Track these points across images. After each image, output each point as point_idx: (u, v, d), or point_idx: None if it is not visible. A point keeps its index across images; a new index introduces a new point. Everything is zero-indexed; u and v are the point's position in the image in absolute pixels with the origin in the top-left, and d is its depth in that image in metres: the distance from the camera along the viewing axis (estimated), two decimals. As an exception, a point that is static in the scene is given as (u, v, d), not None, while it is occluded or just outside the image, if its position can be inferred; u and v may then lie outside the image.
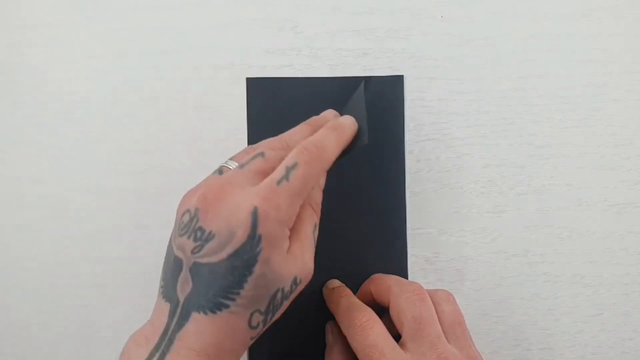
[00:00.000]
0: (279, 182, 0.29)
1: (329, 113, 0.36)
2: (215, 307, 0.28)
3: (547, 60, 0.40)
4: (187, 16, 0.40)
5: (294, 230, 0.30)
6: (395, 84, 0.39)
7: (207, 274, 0.28)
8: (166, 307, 0.29)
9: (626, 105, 0.40)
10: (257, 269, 0.28)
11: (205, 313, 0.28)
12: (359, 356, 0.33)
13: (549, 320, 0.40)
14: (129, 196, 0.40)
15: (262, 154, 0.31)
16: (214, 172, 0.32)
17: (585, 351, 0.40)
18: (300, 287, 0.30)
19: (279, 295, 0.29)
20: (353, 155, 0.38)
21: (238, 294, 0.28)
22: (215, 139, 0.40)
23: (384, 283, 0.35)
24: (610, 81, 0.40)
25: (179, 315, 0.28)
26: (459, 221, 0.40)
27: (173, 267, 0.29)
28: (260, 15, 0.40)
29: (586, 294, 0.40)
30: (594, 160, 0.40)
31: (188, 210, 0.30)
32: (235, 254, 0.28)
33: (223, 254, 0.28)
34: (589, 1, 0.40)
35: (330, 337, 0.36)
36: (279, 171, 0.29)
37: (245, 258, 0.28)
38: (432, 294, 0.35)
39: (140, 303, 0.40)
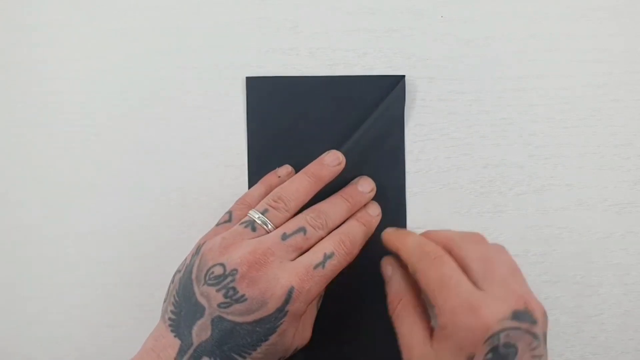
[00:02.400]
0: (315, 267, 0.32)
1: (332, 159, 0.37)
2: (227, 359, 0.31)
3: (547, 60, 0.40)
4: (187, 16, 0.40)
5: None
6: (395, 84, 0.39)
7: (227, 329, 0.31)
8: (176, 342, 0.31)
9: (626, 105, 0.40)
10: (273, 338, 0.31)
11: None
12: (430, 287, 0.31)
13: (549, 320, 0.40)
14: (129, 196, 0.40)
15: (304, 231, 0.33)
16: (246, 225, 0.34)
17: (585, 351, 0.40)
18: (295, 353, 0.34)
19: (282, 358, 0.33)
20: (353, 156, 0.38)
21: (249, 354, 0.31)
22: (215, 138, 0.40)
23: (442, 235, 0.34)
24: (610, 81, 0.40)
25: (189, 356, 0.31)
26: (459, 221, 0.40)
27: (193, 310, 0.31)
28: (260, 15, 0.40)
29: (586, 294, 0.40)
30: (594, 160, 0.40)
31: (222, 265, 0.32)
32: (260, 321, 0.31)
33: (249, 318, 0.31)
34: (589, 1, 0.40)
35: (389, 269, 0.36)
36: (317, 256, 0.33)
37: (267, 327, 0.31)
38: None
39: (140, 303, 0.40)
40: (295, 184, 0.36)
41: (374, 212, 0.37)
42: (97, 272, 0.40)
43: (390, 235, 0.36)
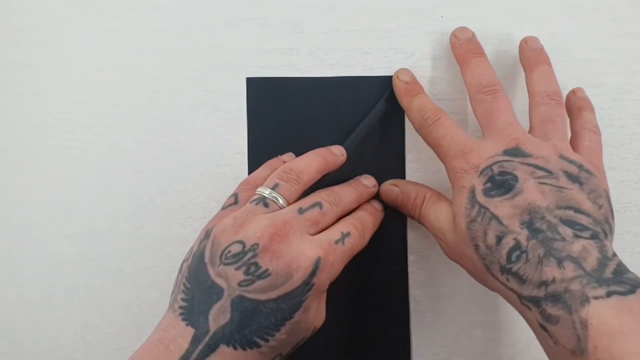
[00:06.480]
0: (336, 242, 0.32)
1: (337, 149, 0.37)
2: (247, 344, 0.29)
3: (546, 60, 0.40)
4: (187, 16, 0.40)
5: None
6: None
7: (249, 309, 0.29)
8: (188, 331, 0.29)
9: (626, 105, 0.40)
10: (297, 315, 0.30)
11: (235, 348, 0.28)
12: (433, 148, 0.35)
13: (549, 320, 0.40)
14: (128, 196, 0.40)
15: (320, 205, 0.33)
16: (257, 202, 0.32)
17: (584, 351, 0.40)
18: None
19: (300, 343, 0.31)
20: (353, 155, 0.38)
21: (273, 335, 0.29)
22: (215, 139, 0.40)
23: (468, 83, 0.36)
24: (610, 81, 0.40)
25: (205, 345, 0.28)
26: (458, 221, 0.40)
27: (208, 293, 0.29)
28: (260, 15, 0.40)
29: (585, 294, 0.40)
30: (593, 160, 0.40)
31: (240, 242, 0.30)
32: (286, 296, 0.29)
33: (273, 294, 0.29)
34: (589, 1, 0.40)
35: (395, 188, 0.38)
36: (336, 233, 0.32)
37: (292, 302, 0.29)
38: (538, 95, 0.35)
39: (139, 303, 0.40)
40: (305, 160, 0.35)
41: (379, 206, 0.38)
42: (95, 272, 0.40)
43: (398, 89, 0.38)
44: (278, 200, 0.32)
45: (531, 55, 0.37)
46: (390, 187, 0.38)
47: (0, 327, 0.41)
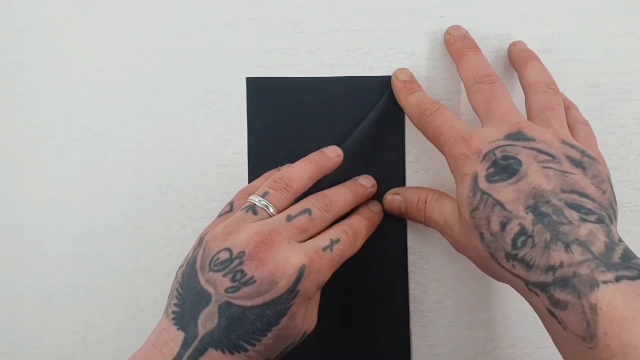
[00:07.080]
0: (324, 249, 0.32)
1: (332, 150, 0.37)
2: (235, 348, 0.29)
3: (546, 60, 0.39)
4: (187, 16, 0.40)
5: None
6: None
7: (236, 315, 0.30)
8: (179, 335, 0.30)
9: (626, 105, 0.40)
10: (284, 321, 0.30)
11: (223, 352, 0.29)
12: (432, 140, 0.35)
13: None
14: (128, 196, 0.40)
15: (309, 212, 0.33)
16: (247, 210, 0.33)
17: (584, 351, 0.40)
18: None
19: (289, 347, 0.32)
20: (353, 155, 0.38)
21: (259, 340, 0.30)
22: (215, 139, 0.40)
23: (462, 76, 0.36)
24: (610, 81, 0.40)
25: (194, 348, 0.29)
26: (458, 221, 0.40)
27: (197, 299, 0.30)
28: (260, 15, 0.40)
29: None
30: (593, 160, 0.40)
31: (228, 250, 0.31)
32: (271, 303, 0.30)
33: (258, 301, 0.30)
34: (589, 1, 0.40)
35: (397, 197, 0.38)
36: (324, 240, 0.33)
37: (277, 309, 0.30)
38: (535, 85, 0.36)
39: (138, 303, 0.40)
40: (296, 168, 0.36)
41: (376, 209, 0.38)
42: (95, 272, 0.40)
43: (396, 88, 0.38)
44: (268, 208, 0.33)
45: (522, 54, 0.38)
46: (392, 197, 0.38)
47: (0, 327, 0.41)
